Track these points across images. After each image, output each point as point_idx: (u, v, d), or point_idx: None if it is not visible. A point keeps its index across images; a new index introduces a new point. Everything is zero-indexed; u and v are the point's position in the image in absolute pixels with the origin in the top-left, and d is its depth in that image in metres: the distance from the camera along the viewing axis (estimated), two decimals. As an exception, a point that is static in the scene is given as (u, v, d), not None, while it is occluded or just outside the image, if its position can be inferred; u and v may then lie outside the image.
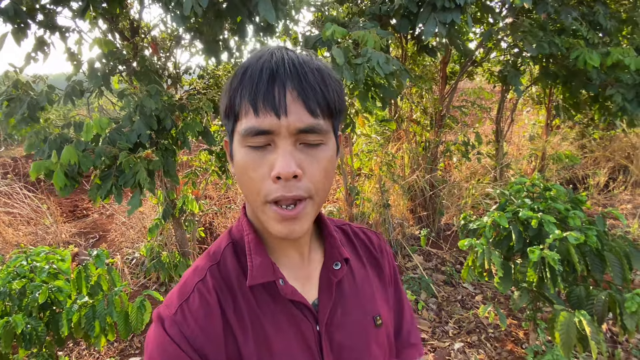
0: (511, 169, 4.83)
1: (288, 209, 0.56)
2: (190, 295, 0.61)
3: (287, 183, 0.54)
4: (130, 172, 2.11)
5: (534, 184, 2.57)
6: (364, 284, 0.75)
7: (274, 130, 0.53)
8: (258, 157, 0.55)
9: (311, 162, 0.56)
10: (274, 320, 0.63)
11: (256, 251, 0.64)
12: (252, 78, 0.54)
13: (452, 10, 2.33)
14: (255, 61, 0.56)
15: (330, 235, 0.72)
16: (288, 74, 0.54)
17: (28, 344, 1.84)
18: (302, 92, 0.54)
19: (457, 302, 3.43)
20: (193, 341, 0.58)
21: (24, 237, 4.03)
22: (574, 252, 2.09)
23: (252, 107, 0.54)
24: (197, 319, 0.59)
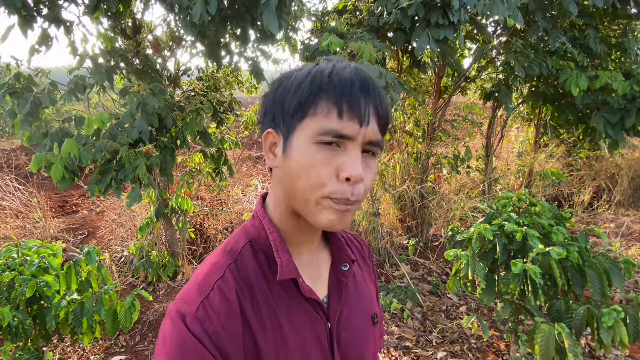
0: (499, 184, 4.94)
1: (345, 205, 0.59)
2: (210, 292, 0.62)
3: (353, 187, 0.58)
4: (130, 167, 2.13)
5: (520, 199, 2.66)
6: (362, 285, 0.80)
7: (353, 136, 0.58)
8: (328, 155, 0.58)
9: (368, 170, 0.61)
10: (289, 317, 0.65)
11: (282, 249, 0.66)
12: (343, 83, 0.58)
13: (446, 27, 2.41)
14: (341, 69, 0.60)
15: (337, 237, 0.76)
16: (374, 90, 0.60)
17: (14, 337, 1.83)
18: (379, 109, 0.60)
19: (441, 312, 3.49)
20: (215, 339, 0.58)
21: (12, 231, 3.99)
22: (556, 266, 2.16)
23: (337, 110, 0.57)
24: (220, 317, 0.60)
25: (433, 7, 2.44)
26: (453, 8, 2.37)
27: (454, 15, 2.38)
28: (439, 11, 2.41)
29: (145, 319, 3.04)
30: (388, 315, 3.32)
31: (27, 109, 2.04)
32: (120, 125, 2.23)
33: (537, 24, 3.12)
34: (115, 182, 2.11)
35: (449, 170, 4.29)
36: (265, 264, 0.67)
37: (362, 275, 0.83)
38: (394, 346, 2.94)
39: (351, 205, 0.60)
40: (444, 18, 2.40)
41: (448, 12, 2.40)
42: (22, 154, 6.97)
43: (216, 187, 3.91)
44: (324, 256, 0.76)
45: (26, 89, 2.16)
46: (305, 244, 0.71)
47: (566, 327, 2.03)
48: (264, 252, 0.68)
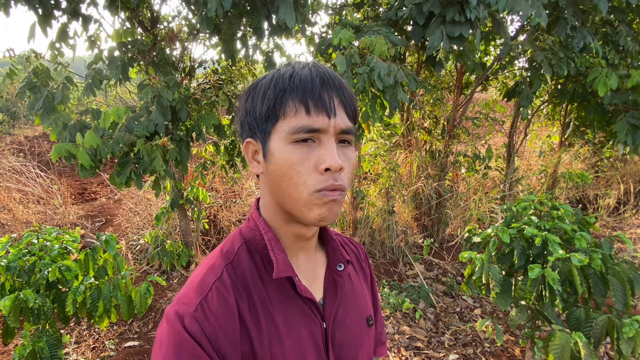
0: (520, 185, 4.79)
1: (332, 191, 0.61)
2: (208, 293, 0.62)
3: (334, 175, 0.61)
4: (148, 159, 2.15)
5: (541, 202, 2.56)
6: (358, 287, 0.81)
7: (324, 128, 0.61)
8: (304, 152, 0.61)
9: (345, 159, 0.64)
10: (285, 317, 0.66)
11: (278, 248, 0.67)
12: (303, 83, 0.61)
13: (462, 24, 2.31)
14: (300, 69, 0.63)
15: (331, 238, 0.77)
16: (334, 83, 0.63)
17: (36, 319, 1.89)
18: (343, 99, 0.64)
19: (455, 313, 3.42)
20: (214, 340, 0.58)
21: (34, 216, 4.11)
22: (577, 273, 2.08)
23: (304, 107, 0.60)
24: (218, 317, 0.60)
25: (450, 3, 2.35)
26: (471, 4, 2.27)
27: (471, 12, 2.29)
28: (455, 7, 2.32)
29: (158, 306, 3.08)
30: (400, 314, 3.28)
31: (40, 104, 2.08)
32: (136, 118, 2.24)
33: (566, 21, 2.98)
34: (135, 175, 2.13)
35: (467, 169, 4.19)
36: (261, 264, 0.68)
37: (357, 277, 0.84)
38: (404, 346, 2.90)
39: (337, 194, 0.62)
40: (460, 15, 2.31)
41: (465, 9, 2.31)
42: (45, 141, 7.18)
43: (230, 180, 3.92)
44: (319, 258, 0.77)
45: (43, 84, 2.19)
46: (301, 248, 0.72)
47: (583, 337, 1.95)
48: (259, 253, 0.69)
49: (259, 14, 2.29)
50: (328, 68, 0.67)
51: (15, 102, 9.59)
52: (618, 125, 3.25)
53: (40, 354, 1.76)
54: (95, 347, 2.71)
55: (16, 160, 4.74)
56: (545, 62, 3.04)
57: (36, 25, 2.21)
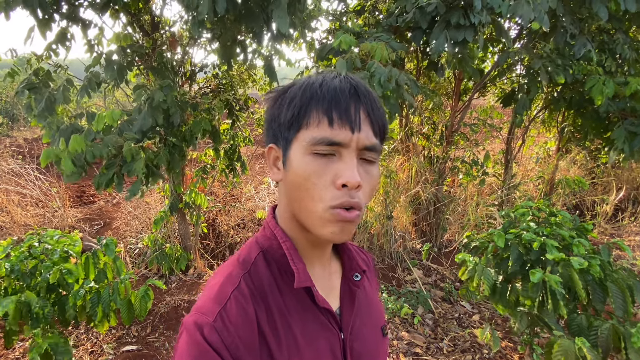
0: (518, 191, 4.81)
1: (348, 211, 0.59)
2: (227, 302, 0.61)
3: (350, 192, 0.58)
4: (132, 161, 2.15)
5: (539, 208, 2.57)
6: (372, 296, 0.80)
7: (345, 143, 0.58)
8: (323, 165, 0.59)
9: (366, 177, 0.61)
10: (304, 328, 0.65)
11: (297, 258, 0.66)
12: (332, 93, 0.59)
13: (466, 28, 2.33)
14: (331, 79, 0.61)
15: (347, 248, 0.75)
16: (364, 96, 0.60)
17: (35, 322, 1.87)
18: (371, 113, 0.61)
19: (453, 319, 3.41)
20: (233, 350, 0.58)
21: (32, 219, 4.09)
22: (577, 278, 2.08)
23: (328, 119, 0.58)
24: (237, 327, 0.59)
25: (454, 7, 2.37)
26: (475, 9, 2.30)
27: (475, 17, 2.31)
28: (459, 12, 2.34)
29: (157, 310, 3.07)
30: (398, 320, 3.27)
31: (43, 105, 2.08)
32: (130, 121, 2.25)
33: (564, 29, 3.01)
34: (117, 177, 2.13)
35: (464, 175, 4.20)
36: (278, 274, 0.67)
37: (370, 287, 0.83)
38: (403, 352, 2.89)
39: (353, 215, 0.59)
40: (464, 19, 2.33)
41: (469, 13, 2.33)
42: (44, 144, 7.17)
43: (229, 184, 3.92)
44: (335, 268, 0.76)
45: (44, 85, 2.19)
46: (316, 257, 0.71)
47: (586, 342, 1.94)
48: (276, 262, 0.67)
49: (255, 19, 2.30)
50: (361, 80, 0.64)
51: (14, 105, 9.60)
52: (616, 132, 3.27)
53: (55, 349, 1.76)
54: (93, 351, 2.69)
55: (15, 163, 4.73)
56: (543, 70, 3.06)
57: (35, 28, 2.22)
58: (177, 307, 3.07)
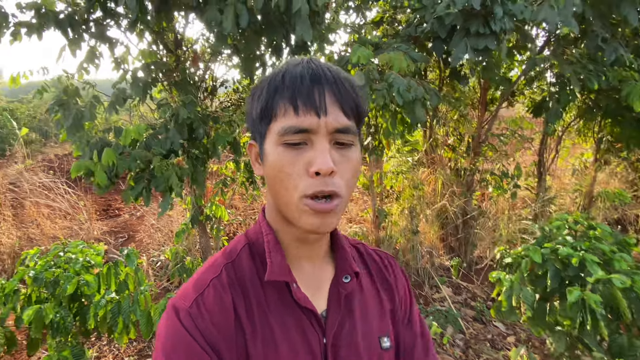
0: (553, 205, 4.56)
1: (323, 202, 0.57)
2: (205, 289, 0.63)
3: (324, 179, 0.57)
4: (162, 177, 2.18)
5: (577, 221, 2.40)
6: (373, 302, 0.74)
7: (313, 128, 0.57)
8: (295, 154, 0.58)
9: (343, 161, 0.59)
10: (282, 324, 0.63)
11: (275, 250, 0.65)
12: (293, 80, 0.58)
13: (487, 36, 2.26)
14: (293, 67, 0.60)
15: (342, 248, 0.72)
16: (327, 78, 0.59)
17: (56, 332, 1.89)
18: (339, 95, 0.59)
19: (486, 341, 3.21)
20: (207, 335, 0.59)
21: (60, 231, 4.24)
22: (621, 296, 1.91)
23: (293, 107, 0.57)
24: (212, 314, 0.61)
25: (473, 16, 2.30)
26: (496, 16, 2.22)
27: (496, 24, 2.23)
28: (479, 20, 2.27)
29: (177, 326, 3.05)
30: (425, 340, 3.11)
31: (70, 122, 2.15)
32: (155, 136, 2.29)
33: (595, 33, 2.87)
34: (146, 192, 2.16)
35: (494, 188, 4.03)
36: (261, 267, 0.67)
37: (374, 292, 0.76)
38: (430, 375, 2.73)
39: (332, 206, 0.58)
40: (485, 27, 2.25)
41: (490, 21, 2.25)
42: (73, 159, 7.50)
43: (249, 197, 3.93)
44: (328, 268, 0.72)
45: (72, 102, 2.28)
46: (305, 254, 0.69)
47: (629, 365, 1.76)
48: (259, 256, 0.68)
49: (276, 32, 2.32)
50: (325, 63, 0.62)
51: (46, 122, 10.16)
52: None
53: None
54: (115, 364, 2.70)
55: (46, 177, 4.97)
56: (574, 76, 2.92)
57: (66, 47, 2.32)
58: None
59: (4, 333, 1.84)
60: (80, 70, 2.55)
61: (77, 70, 2.47)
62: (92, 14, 2.46)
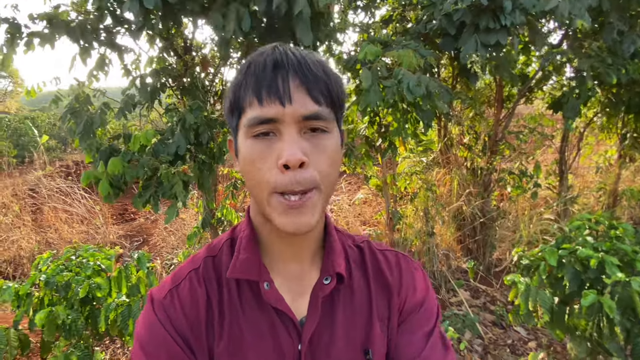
0: (576, 204, 4.38)
1: (294, 199, 0.54)
2: (181, 281, 0.63)
3: (294, 172, 0.53)
4: (168, 185, 2.19)
5: (597, 221, 2.29)
6: (363, 309, 0.68)
7: (278, 118, 0.54)
8: (264, 147, 0.55)
9: (316, 150, 0.56)
10: (254, 327, 0.61)
11: (246, 247, 0.63)
12: (256, 70, 0.56)
13: (497, 31, 2.18)
14: (258, 56, 0.58)
15: (329, 246, 0.67)
16: (291, 64, 0.55)
17: (68, 334, 1.93)
18: (305, 80, 0.55)
19: (506, 346, 3.11)
20: (177, 325, 0.60)
21: (77, 235, 4.36)
22: (638, 300, 1.80)
23: (257, 98, 0.55)
24: (184, 306, 0.61)
25: (482, 11, 2.23)
26: (505, 10, 2.15)
27: (506, 18, 2.16)
28: (488, 15, 2.20)
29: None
30: (441, 345, 3.02)
31: (81, 128, 2.19)
32: (163, 141, 2.31)
33: (612, 26, 2.75)
34: (154, 199, 2.18)
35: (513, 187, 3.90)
36: None
37: (366, 298, 0.68)
38: (446, 381, 2.65)
39: (300, 201, 0.54)
40: (494, 22, 2.18)
41: (500, 15, 2.18)
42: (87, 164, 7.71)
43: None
44: (315, 271, 0.68)
45: (83, 109, 2.32)
46: (291, 254, 0.65)
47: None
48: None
49: (280, 34, 2.31)
50: (293, 47, 0.59)
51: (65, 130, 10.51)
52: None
53: None
54: (128, 367, 2.73)
55: (63, 183, 5.13)
56: (590, 70, 2.80)
57: (77, 56, 2.38)
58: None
59: (18, 336, 1.88)
60: (90, 78, 2.60)
61: (88, 78, 2.53)
62: (102, 22, 2.51)
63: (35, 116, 8.84)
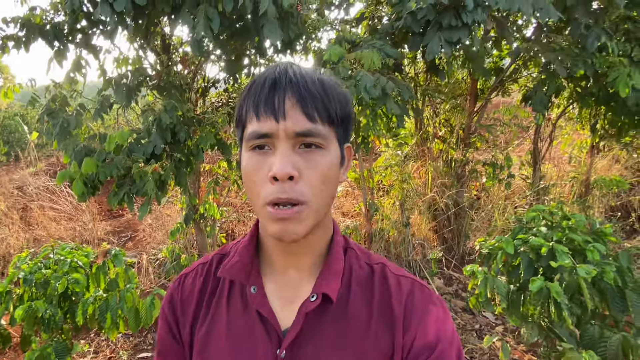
0: (550, 193, 4.52)
1: (283, 209, 0.57)
2: (190, 272, 0.74)
3: (283, 185, 0.56)
4: (141, 183, 2.28)
5: (552, 212, 2.42)
6: (356, 336, 0.64)
7: (272, 133, 0.57)
8: (260, 160, 0.58)
9: (308, 166, 0.58)
10: (233, 325, 0.66)
11: (241, 251, 0.68)
12: (257, 88, 0.60)
13: (459, 28, 2.27)
14: (262, 74, 0.62)
15: (328, 264, 0.66)
16: (288, 82, 0.59)
17: (47, 328, 2.04)
18: (300, 98, 0.58)
19: (473, 331, 3.26)
20: (175, 309, 0.71)
21: (65, 232, 4.44)
22: (585, 286, 1.93)
23: (255, 113, 0.59)
24: (184, 293, 0.72)
25: (445, 9, 2.32)
26: (467, 8, 2.23)
27: (467, 16, 2.24)
28: (451, 13, 2.29)
29: (172, 320, 3.19)
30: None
31: (57, 130, 2.26)
32: (138, 141, 2.39)
33: (577, 21, 2.84)
34: (128, 197, 2.26)
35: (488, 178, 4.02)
36: None
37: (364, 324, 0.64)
38: (415, 364, 2.80)
39: (290, 212, 0.57)
40: (456, 19, 2.27)
41: (462, 13, 2.27)
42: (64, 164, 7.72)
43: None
44: (311, 283, 0.67)
45: (60, 110, 2.39)
46: (292, 262, 0.67)
47: (595, 356, 1.80)
48: None
49: (249, 34, 2.38)
50: (294, 66, 0.62)
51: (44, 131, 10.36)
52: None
53: (47, 359, 1.89)
54: (112, 357, 2.85)
55: (50, 181, 5.19)
56: (558, 63, 2.90)
57: (52, 58, 2.43)
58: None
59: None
60: (67, 80, 2.66)
61: (65, 80, 2.58)
62: (77, 23, 2.56)
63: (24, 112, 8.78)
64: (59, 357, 2.01)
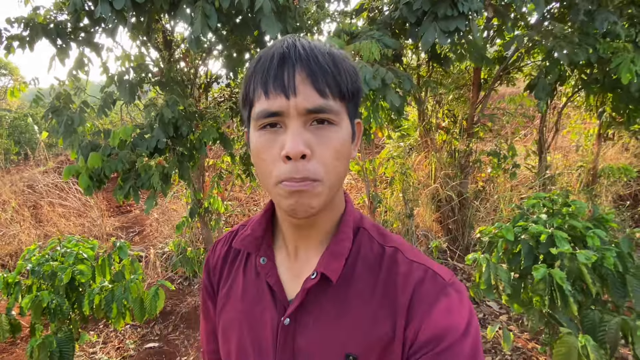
0: (557, 183, 4.48)
1: (297, 184, 0.55)
2: (222, 238, 0.81)
3: (296, 164, 0.54)
4: (145, 176, 2.33)
5: (552, 199, 2.41)
6: (352, 313, 0.62)
7: (283, 111, 0.55)
8: (270, 139, 0.56)
9: (321, 142, 0.56)
10: (248, 289, 0.71)
11: (253, 225, 0.71)
12: (264, 64, 0.57)
13: (456, 18, 2.26)
14: (268, 50, 0.59)
15: (333, 243, 0.65)
16: (297, 57, 0.55)
17: (53, 317, 2.11)
18: (311, 73, 0.55)
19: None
20: (209, 272, 0.80)
21: (75, 228, 4.54)
22: (586, 271, 1.93)
23: (263, 91, 0.56)
24: (214, 256, 0.79)
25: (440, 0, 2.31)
26: (462, -4, 2.23)
27: (463, 5, 2.23)
28: (447, 2, 2.28)
29: (178, 310, 3.27)
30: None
31: (62, 127, 2.32)
32: (141, 136, 2.43)
33: (577, 6, 2.80)
34: (133, 190, 2.31)
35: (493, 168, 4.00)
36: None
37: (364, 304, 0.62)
38: (418, 353, 2.82)
39: (304, 184, 0.55)
40: (452, 9, 2.26)
41: (457, 3, 2.26)
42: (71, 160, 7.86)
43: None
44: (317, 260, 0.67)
45: (64, 107, 2.44)
46: (303, 242, 0.68)
47: (591, 340, 1.80)
48: None
49: (247, 29, 2.40)
50: (302, 39, 0.59)
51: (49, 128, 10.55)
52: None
53: (49, 347, 1.96)
54: (120, 347, 2.93)
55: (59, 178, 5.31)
56: (560, 50, 2.86)
57: (55, 56, 2.49)
58: (197, 308, 3.25)
59: (9, 320, 2.06)
60: (70, 77, 2.71)
61: (68, 77, 2.64)
62: (79, 22, 2.61)
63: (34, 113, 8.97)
64: (62, 345, 2.07)
